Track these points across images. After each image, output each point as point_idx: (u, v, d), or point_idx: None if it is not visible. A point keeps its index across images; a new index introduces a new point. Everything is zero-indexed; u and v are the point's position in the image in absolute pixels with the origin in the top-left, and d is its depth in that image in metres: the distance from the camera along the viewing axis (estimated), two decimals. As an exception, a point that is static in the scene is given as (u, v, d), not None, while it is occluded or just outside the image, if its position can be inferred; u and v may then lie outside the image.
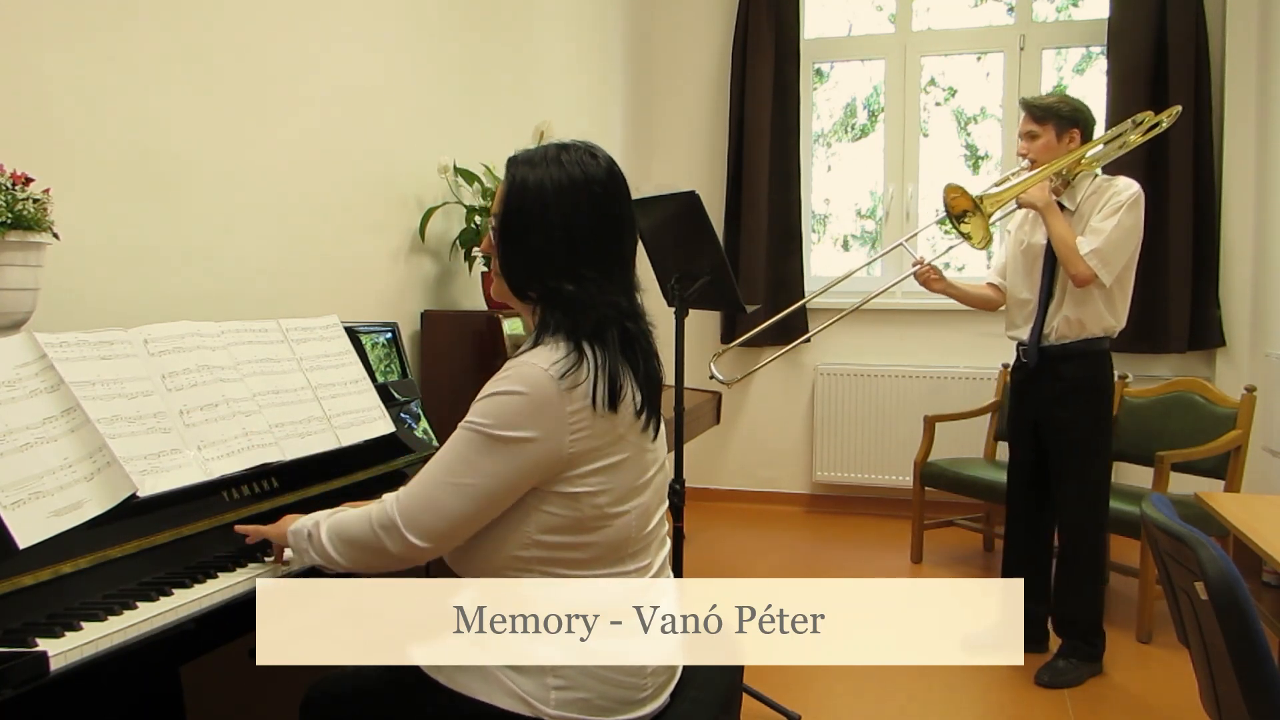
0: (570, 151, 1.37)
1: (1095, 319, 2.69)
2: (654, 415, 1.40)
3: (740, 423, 4.96)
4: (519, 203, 1.36)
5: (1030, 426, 2.86)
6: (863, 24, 4.87)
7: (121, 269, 1.83)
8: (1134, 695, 2.71)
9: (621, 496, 1.35)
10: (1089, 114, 2.71)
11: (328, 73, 2.44)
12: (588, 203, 1.34)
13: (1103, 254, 2.61)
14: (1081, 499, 2.77)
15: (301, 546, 1.39)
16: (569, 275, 1.33)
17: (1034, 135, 2.71)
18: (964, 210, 2.69)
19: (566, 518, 1.32)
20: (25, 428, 1.27)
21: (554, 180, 1.34)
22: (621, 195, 1.39)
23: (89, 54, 1.74)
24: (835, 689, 2.73)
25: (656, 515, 1.45)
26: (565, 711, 1.31)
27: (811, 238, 4.93)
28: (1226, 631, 1.21)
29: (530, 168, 1.36)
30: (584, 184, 1.35)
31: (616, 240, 1.38)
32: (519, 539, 1.33)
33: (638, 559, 1.40)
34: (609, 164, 1.40)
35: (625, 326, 1.36)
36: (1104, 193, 2.67)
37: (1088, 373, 2.73)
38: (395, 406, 2.02)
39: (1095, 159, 2.72)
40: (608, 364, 1.31)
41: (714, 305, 2.62)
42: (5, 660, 1.02)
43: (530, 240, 1.35)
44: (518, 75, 3.50)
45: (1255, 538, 1.81)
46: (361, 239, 2.62)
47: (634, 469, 1.36)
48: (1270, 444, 3.57)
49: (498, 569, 1.35)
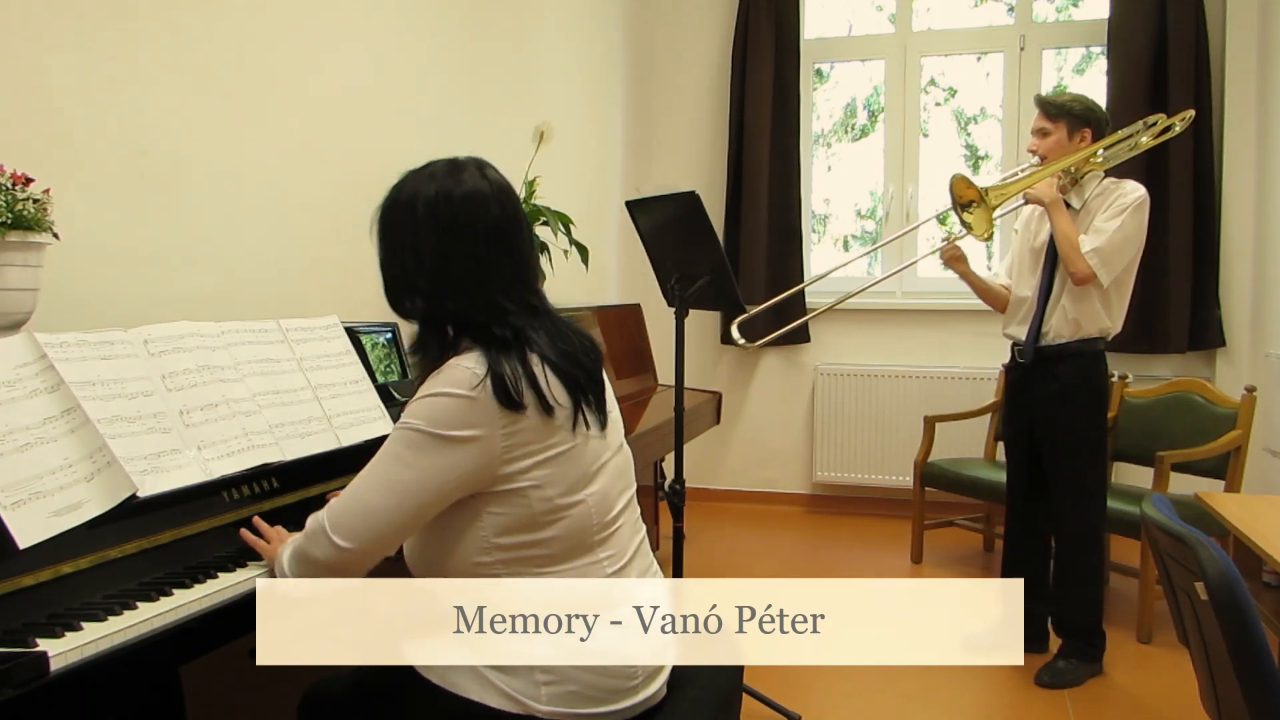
0: (430, 181, 1.41)
1: (1092, 319, 2.69)
2: (583, 412, 1.36)
3: (740, 423, 4.96)
4: (381, 228, 1.43)
5: (1025, 427, 2.86)
6: (863, 24, 4.87)
7: (121, 269, 1.83)
8: (1134, 695, 2.71)
9: (571, 486, 1.34)
10: (1102, 114, 2.71)
11: (328, 73, 2.44)
12: (432, 232, 1.36)
13: (1104, 254, 2.61)
14: (1078, 499, 2.77)
15: (278, 571, 1.38)
16: (433, 296, 1.35)
17: (1045, 132, 2.71)
18: (969, 200, 2.69)
19: (517, 515, 1.31)
20: (25, 428, 1.27)
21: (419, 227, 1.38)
22: (476, 201, 1.38)
23: (89, 54, 1.74)
24: (835, 689, 2.73)
25: (620, 501, 1.43)
26: (557, 706, 1.31)
27: (811, 238, 4.93)
28: (1226, 631, 1.21)
29: (397, 191, 1.42)
30: (428, 218, 1.37)
31: (474, 261, 1.36)
32: (474, 544, 1.32)
33: (606, 547, 1.38)
34: (475, 174, 1.41)
35: (512, 325, 1.34)
36: (1111, 194, 2.68)
37: (1083, 373, 2.73)
38: (395, 407, 2.01)
39: (1104, 159, 2.72)
40: (501, 366, 1.29)
41: (714, 305, 2.62)
42: (5, 660, 1.02)
43: (393, 260, 1.41)
44: (517, 75, 3.50)
45: (1255, 538, 1.81)
46: (361, 239, 2.59)
47: (579, 457, 1.35)
48: (1270, 444, 3.57)
49: (458, 575, 1.34)
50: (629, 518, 1.45)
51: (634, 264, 4.21)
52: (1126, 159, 2.84)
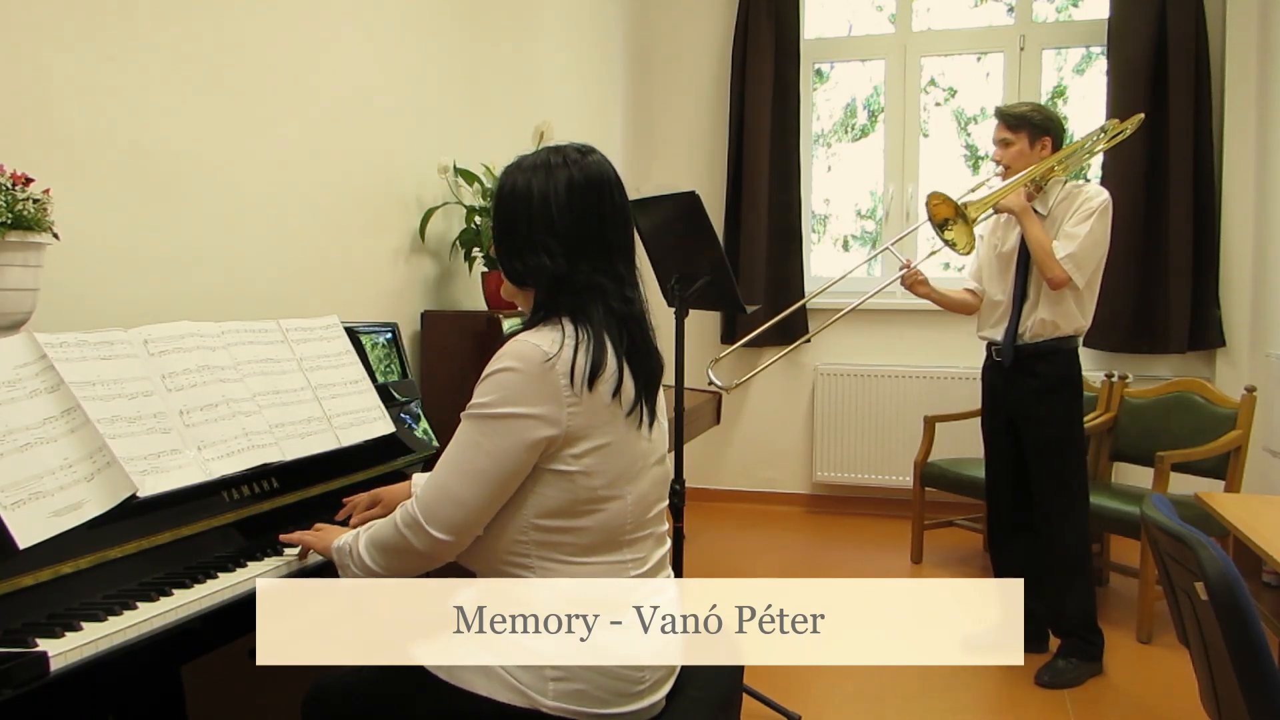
0: (558, 153, 1.43)
1: (1068, 319, 2.77)
2: (644, 406, 1.41)
3: (740, 423, 4.96)
4: (504, 196, 1.43)
5: (1006, 425, 2.91)
6: (863, 24, 4.87)
7: (121, 269, 1.83)
8: (1134, 695, 2.71)
9: (614, 480, 1.36)
10: (1060, 122, 2.82)
11: (328, 73, 2.44)
12: (565, 188, 1.39)
13: (1077, 259, 2.69)
14: (1061, 494, 2.80)
15: (344, 563, 1.42)
16: (547, 250, 1.37)
17: (1008, 143, 2.81)
18: (945, 218, 2.78)
19: (561, 499, 1.34)
20: (25, 428, 1.27)
21: (535, 175, 1.41)
22: (603, 187, 1.42)
23: (89, 54, 1.74)
24: (835, 689, 2.73)
25: (655, 508, 1.46)
26: (563, 703, 1.32)
27: (811, 238, 4.93)
28: (1226, 631, 1.21)
29: (518, 170, 1.43)
30: (564, 174, 1.40)
31: (597, 223, 1.40)
32: (518, 523, 1.35)
33: (634, 549, 1.41)
34: (598, 160, 1.45)
35: (610, 305, 1.38)
36: (1075, 199, 2.76)
37: (1063, 369, 2.80)
38: (395, 407, 2.02)
39: (1067, 165, 2.83)
40: (589, 340, 1.33)
41: (714, 305, 2.62)
42: (5, 660, 1.02)
43: (512, 224, 1.41)
44: (518, 75, 3.51)
45: (1255, 538, 1.81)
46: (361, 239, 2.62)
47: (625, 453, 1.37)
48: (1270, 444, 3.57)
49: (500, 554, 1.37)
50: (657, 529, 1.48)
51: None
52: (1086, 162, 2.94)
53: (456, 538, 1.33)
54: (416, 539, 1.33)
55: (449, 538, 1.33)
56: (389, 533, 1.37)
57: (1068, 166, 2.83)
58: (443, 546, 1.34)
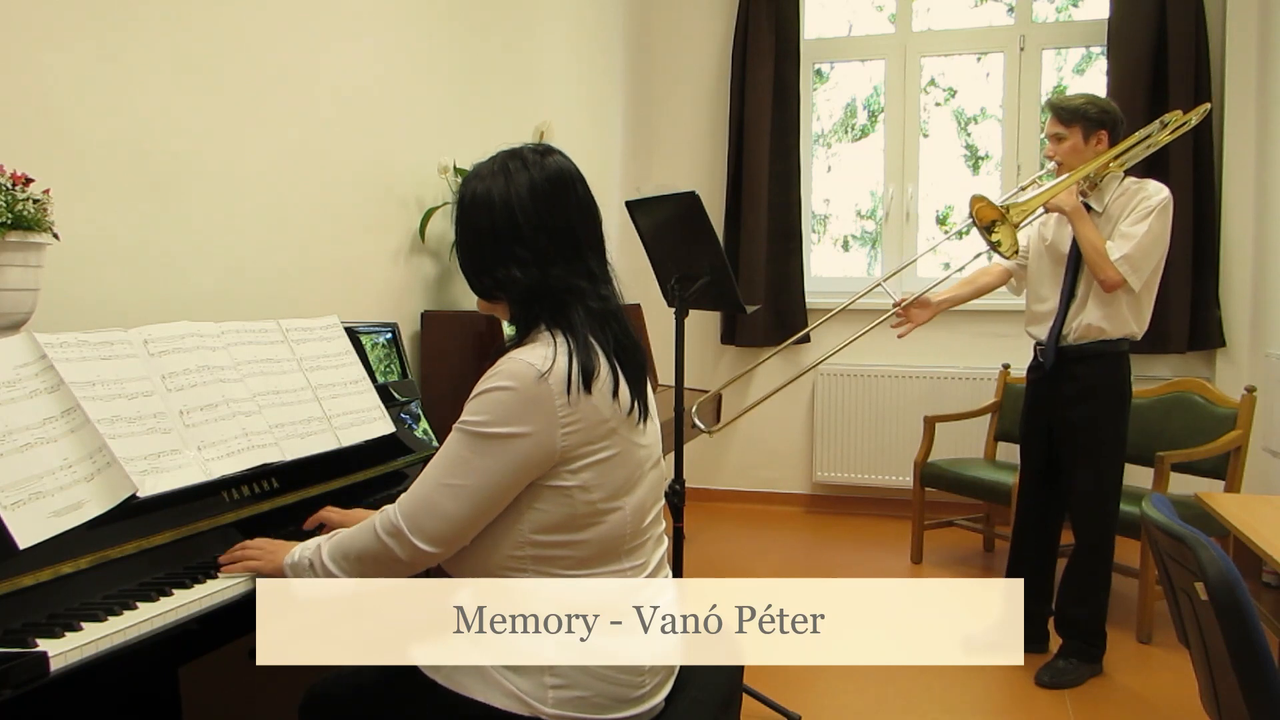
0: (516, 156, 1.40)
1: (1119, 324, 2.67)
2: (639, 399, 1.40)
3: (740, 423, 4.95)
4: (465, 207, 1.40)
5: (1043, 427, 2.85)
6: (863, 24, 4.87)
7: (121, 269, 1.83)
8: (1134, 695, 2.71)
9: (614, 492, 1.35)
10: (1117, 114, 2.68)
11: (328, 73, 2.44)
12: (528, 191, 1.36)
13: (1133, 260, 2.58)
14: (1094, 502, 2.75)
15: (303, 578, 1.38)
16: (517, 261, 1.35)
17: (1061, 138, 2.69)
18: (992, 220, 2.66)
19: (559, 515, 1.32)
20: (25, 428, 1.27)
21: (494, 182, 1.38)
22: (567, 184, 1.39)
23: (90, 54, 1.74)
24: (835, 689, 2.73)
25: (652, 513, 1.45)
26: (563, 710, 1.32)
27: (811, 238, 4.93)
28: (1226, 631, 1.21)
29: (476, 179, 1.40)
30: (524, 177, 1.37)
31: (565, 223, 1.37)
32: (514, 539, 1.33)
33: (633, 557, 1.40)
34: (557, 160, 1.42)
35: (589, 306, 1.36)
36: (1133, 196, 2.65)
37: (1104, 374, 2.71)
38: (395, 407, 2.02)
39: (1123, 160, 2.70)
40: (577, 346, 1.31)
41: (714, 305, 2.62)
42: (5, 660, 1.02)
43: (477, 237, 1.39)
44: (518, 75, 3.50)
45: (1255, 538, 1.81)
46: (361, 239, 2.62)
47: (625, 464, 1.36)
48: (1270, 444, 3.57)
49: (493, 570, 1.35)
50: (655, 531, 1.47)
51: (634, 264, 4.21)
52: (1145, 156, 2.79)
53: (442, 549, 1.32)
54: (400, 548, 1.31)
55: (434, 549, 1.31)
56: (366, 541, 1.33)
57: (1124, 162, 2.69)
58: (425, 557, 1.32)
